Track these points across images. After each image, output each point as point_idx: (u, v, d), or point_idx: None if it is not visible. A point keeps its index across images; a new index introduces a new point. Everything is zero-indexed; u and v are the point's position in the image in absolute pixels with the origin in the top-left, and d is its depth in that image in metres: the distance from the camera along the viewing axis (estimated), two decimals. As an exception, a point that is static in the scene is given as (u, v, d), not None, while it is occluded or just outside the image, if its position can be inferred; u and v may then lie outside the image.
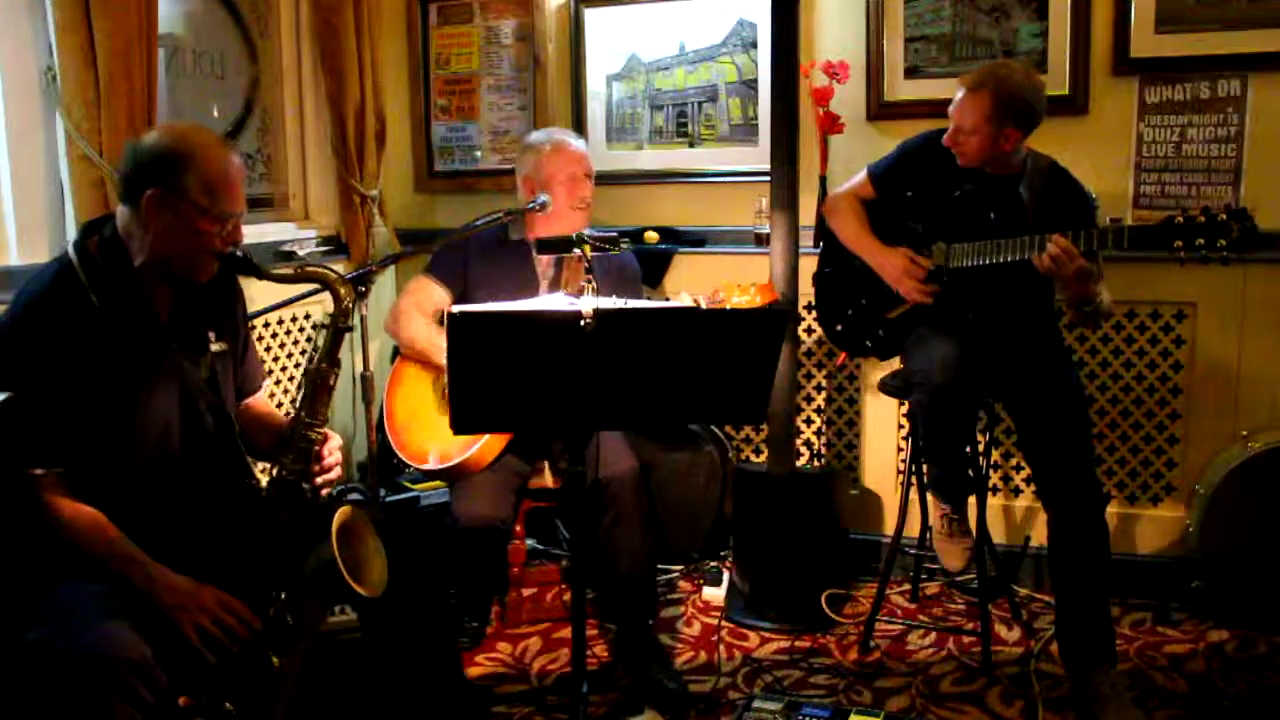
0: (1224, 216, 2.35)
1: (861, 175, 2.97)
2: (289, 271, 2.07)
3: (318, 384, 2.05)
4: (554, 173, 2.96)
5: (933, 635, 3.06)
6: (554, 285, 3.01)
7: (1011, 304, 2.74)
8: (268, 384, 3.32)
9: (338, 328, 2.06)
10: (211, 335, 2.10)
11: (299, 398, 2.05)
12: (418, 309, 2.99)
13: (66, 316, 1.90)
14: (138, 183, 1.92)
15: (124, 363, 1.93)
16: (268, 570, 1.97)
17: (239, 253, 2.00)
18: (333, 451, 2.09)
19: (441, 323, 2.94)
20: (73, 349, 1.88)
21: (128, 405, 1.94)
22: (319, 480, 2.07)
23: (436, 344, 2.88)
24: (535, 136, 3.10)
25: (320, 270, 2.08)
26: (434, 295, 3.01)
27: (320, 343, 2.04)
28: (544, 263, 3.02)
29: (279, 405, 3.34)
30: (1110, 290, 2.66)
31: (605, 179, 3.74)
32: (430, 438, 2.90)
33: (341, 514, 1.98)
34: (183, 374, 2.02)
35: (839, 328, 3.04)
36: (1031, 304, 2.76)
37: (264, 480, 2.13)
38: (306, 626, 1.99)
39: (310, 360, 2.06)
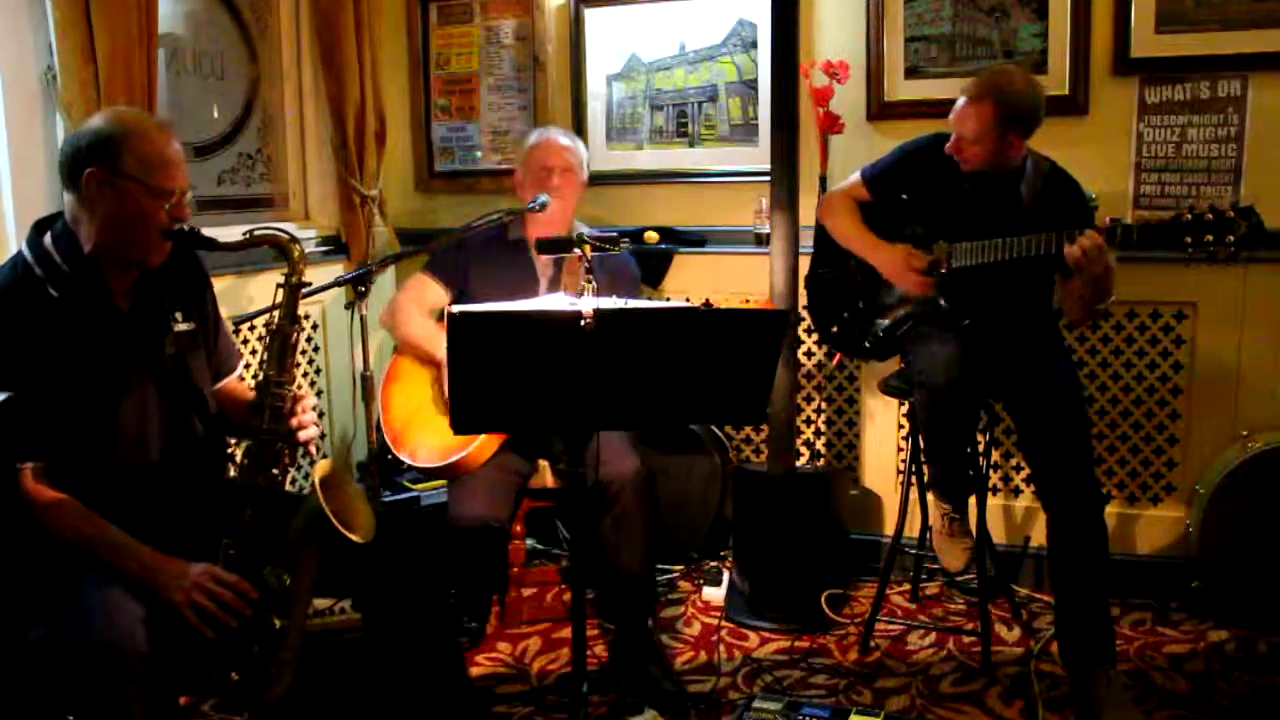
0: (1232, 213, 2.38)
1: (855, 177, 2.97)
2: (240, 239, 2.08)
3: (281, 343, 2.07)
4: (528, 165, 3.03)
5: (933, 635, 3.06)
6: (553, 284, 3.01)
7: (1011, 304, 2.74)
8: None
9: (292, 285, 2.09)
10: (178, 315, 2.11)
11: (265, 358, 2.08)
12: (416, 305, 3.01)
13: (26, 311, 1.91)
14: (77, 166, 1.93)
15: (89, 351, 1.94)
16: (254, 536, 1.98)
17: (186, 228, 2.00)
18: (306, 409, 2.09)
19: (441, 319, 2.95)
20: (37, 343, 1.89)
21: (99, 391, 1.95)
22: (299, 436, 2.08)
23: (437, 338, 2.88)
24: (530, 134, 3.16)
25: (270, 233, 2.10)
26: (433, 293, 3.03)
27: (279, 302, 2.08)
28: (543, 262, 3.02)
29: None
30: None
31: (605, 179, 3.75)
32: (428, 435, 2.90)
33: (321, 467, 2.00)
34: (148, 354, 2.03)
35: (835, 330, 3.05)
36: (1031, 303, 2.76)
37: (241, 451, 2.14)
38: (303, 583, 2.01)
39: (271, 321, 2.09)
